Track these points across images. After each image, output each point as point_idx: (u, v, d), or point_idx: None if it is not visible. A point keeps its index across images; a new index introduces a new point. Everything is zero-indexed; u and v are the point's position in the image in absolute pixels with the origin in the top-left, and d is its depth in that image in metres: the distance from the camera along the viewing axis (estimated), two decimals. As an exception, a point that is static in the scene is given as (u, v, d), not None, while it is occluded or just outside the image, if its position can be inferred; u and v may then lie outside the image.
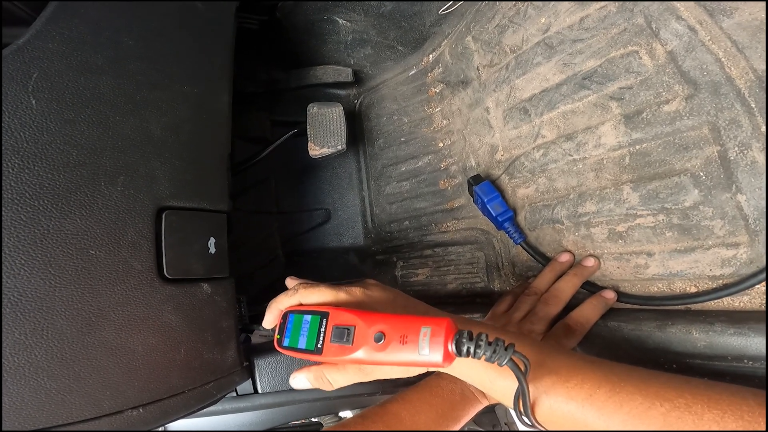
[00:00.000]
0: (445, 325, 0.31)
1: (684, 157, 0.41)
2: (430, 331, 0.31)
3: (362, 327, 0.35)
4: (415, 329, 0.32)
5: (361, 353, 0.34)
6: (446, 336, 0.31)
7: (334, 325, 0.36)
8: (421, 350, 0.31)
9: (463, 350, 0.31)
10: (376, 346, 0.33)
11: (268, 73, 0.78)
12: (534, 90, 0.54)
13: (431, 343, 0.31)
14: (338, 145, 0.64)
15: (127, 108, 0.39)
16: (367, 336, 0.34)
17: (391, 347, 0.33)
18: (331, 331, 0.36)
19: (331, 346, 0.36)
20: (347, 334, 0.35)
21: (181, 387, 0.41)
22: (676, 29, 0.41)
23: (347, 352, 0.35)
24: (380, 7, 0.67)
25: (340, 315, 0.36)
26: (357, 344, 0.34)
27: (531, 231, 0.56)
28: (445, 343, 0.31)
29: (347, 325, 0.35)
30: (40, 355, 0.33)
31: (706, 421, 0.28)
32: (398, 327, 0.33)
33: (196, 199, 0.44)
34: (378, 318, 0.35)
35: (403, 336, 0.32)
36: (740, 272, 0.40)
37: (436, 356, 0.31)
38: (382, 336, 0.33)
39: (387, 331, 0.33)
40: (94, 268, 0.36)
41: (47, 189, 0.33)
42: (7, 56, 0.32)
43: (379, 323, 0.34)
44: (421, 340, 0.31)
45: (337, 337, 0.35)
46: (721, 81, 0.39)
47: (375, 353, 0.33)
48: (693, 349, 0.40)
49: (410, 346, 0.32)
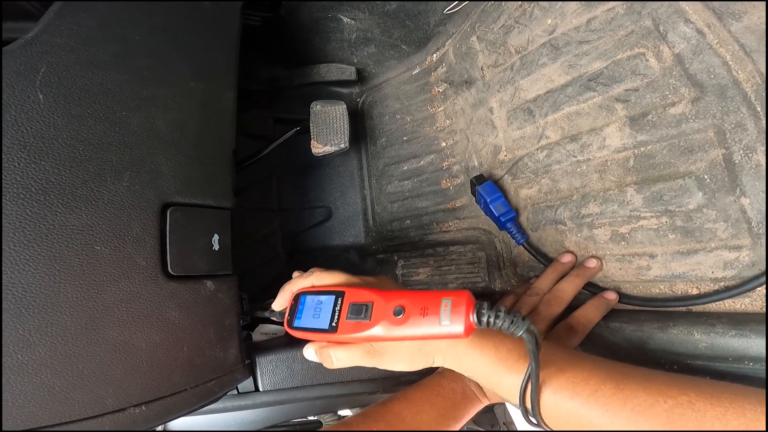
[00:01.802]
0: (466, 297, 0.32)
1: (689, 159, 0.42)
2: (451, 302, 0.32)
3: (381, 303, 0.35)
4: (435, 301, 0.33)
5: (379, 328, 0.34)
6: (467, 306, 0.32)
7: (350, 303, 0.36)
8: (443, 321, 0.32)
9: (483, 320, 0.31)
10: (396, 320, 0.33)
11: (270, 71, 0.77)
12: (539, 91, 0.54)
13: (453, 314, 0.32)
14: (341, 143, 0.64)
15: (134, 103, 0.39)
16: (385, 311, 0.34)
17: (411, 320, 0.33)
18: (348, 308, 0.36)
19: (347, 324, 0.36)
20: (365, 310, 0.35)
21: (183, 384, 0.41)
22: (684, 32, 0.41)
23: (364, 328, 0.35)
24: (385, 5, 0.67)
25: (357, 293, 0.37)
26: (375, 319, 0.34)
27: (533, 231, 0.56)
28: (467, 313, 0.31)
29: (365, 301, 0.35)
30: (44, 351, 0.33)
31: (708, 418, 0.29)
32: (418, 300, 0.34)
33: (201, 195, 0.44)
34: (396, 294, 0.35)
35: (423, 308, 0.33)
36: (742, 275, 0.40)
37: (457, 327, 0.31)
38: (401, 310, 0.33)
39: (406, 305, 0.34)
40: (99, 264, 0.36)
41: (53, 184, 0.33)
42: (15, 50, 0.32)
43: (399, 299, 0.34)
44: (443, 311, 0.32)
45: (354, 314, 0.35)
46: (727, 84, 0.39)
47: (394, 328, 0.33)
48: (694, 350, 0.41)
49: (431, 318, 0.32)
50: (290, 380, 0.54)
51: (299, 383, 0.54)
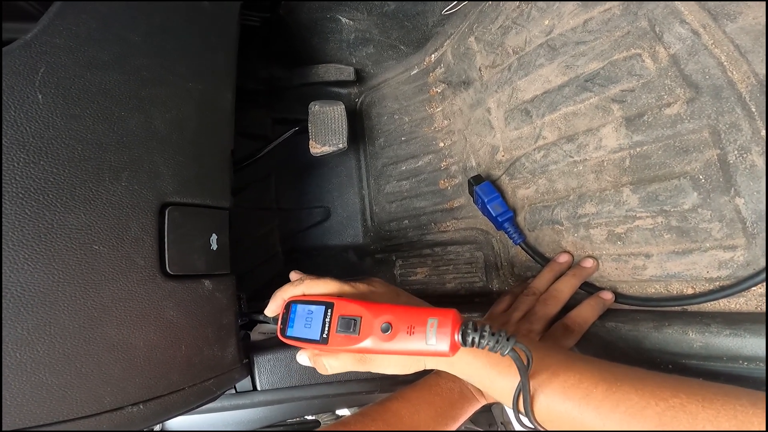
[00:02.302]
0: (452, 317, 0.33)
1: (684, 160, 0.42)
2: (437, 322, 0.33)
3: (368, 318, 0.35)
4: (422, 320, 0.33)
5: (368, 342, 0.35)
6: (453, 326, 0.32)
7: (340, 316, 0.37)
8: (429, 340, 0.33)
9: (468, 340, 0.33)
10: (383, 336, 0.34)
11: (269, 71, 0.78)
12: (536, 91, 0.54)
13: (438, 334, 0.32)
14: (339, 143, 0.64)
15: (132, 104, 0.39)
16: (373, 326, 0.35)
17: (399, 337, 0.34)
18: (337, 321, 0.37)
19: (337, 336, 0.36)
20: (354, 324, 0.36)
21: (181, 384, 0.41)
22: (680, 33, 0.41)
23: (354, 342, 0.35)
24: (383, 6, 0.67)
25: (346, 305, 0.37)
26: (364, 334, 0.35)
27: (530, 231, 0.56)
28: (452, 333, 0.32)
29: (353, 315, 0.36)
30: (42, 350, 0.33)
31: (700, 420, 0.29)
32: (405, 318, 0.34)
33: (199, 195, 0.44)
34: (384, 309, 0.36)
35: (410, 326, 0.34)
36: (737, 274, 0.40)
37: (442, 346, 0.32)
38: (389, 327, 0.34)
39: (393, 321, 0.34)
40: (97, 263, 0.36)
41: (52, 184, 0.33)
42: (15, 51, 0.32)
43: (386, 314, 0.35)
44: (429, 330, 0.33)
45: (344, 328, 0.36)
46: (722, 85, 0.39)
47: (382, 343, 0.34)
48: (689, 349, 0.41)
49: (417, 336, 0.33)
50: (288, 379, 0.54)
51: (297, 382, 0.54)
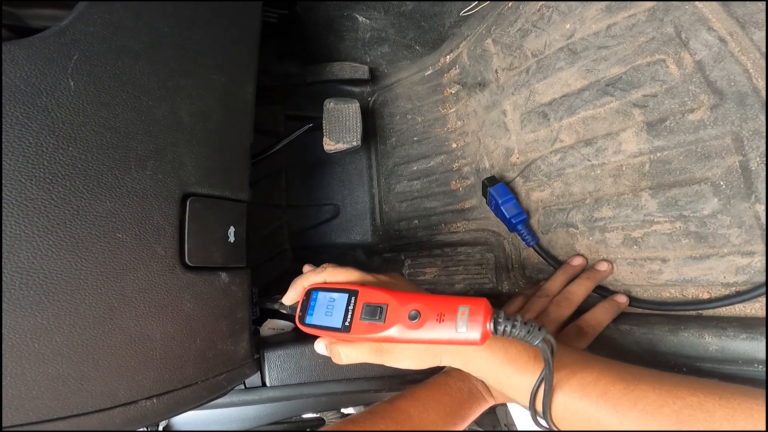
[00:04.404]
0: (483, 305, 0.33)
1: (705, 165, 0.42)
2: (468, 309, 0.33)
3: (395, 305, 0.35)
4: (452, 308, 0.33)
5: (394, 331, 0.34)
6: (485, 316, 0.32)
7: (365, 303, 0.36)
8: (459, 328, 0.32)
9: (500, 329, 0.32)
10: (411, 324, 0.34)
11: (283, 67, 0.77)
12: (554, 95, 0.54)
13: (470, 322, 0.32)
14: (353, 141, 0.64)
15: (160, 93, 0.38)
16: (400, 314, 0.34)
17: (427, 325, 0.33)
18: (362, 309, 0.36)
19: (361, 324, 0.36)
20: (380, 312, 0.35)
21: (194, 378, 0.41)
22: (707, 40, 0.42)
23: (378, 330, 0.35)
24: (401, 6, 0.67)
25: (371, 293, 0.37)
26: (390, 322, 0.35)
27: (544, 234, 0.57)
28: (484, 322, 0.32)
29: (380, 303, 0.36)
30: (61, 341, 0.32)
31: (717, 419, 0.29)
32: (434, 306, 0.34)
33: (219, 187, 0.44)
34: (411, 297, 0.35)
35: (440, 314, 0.33)
36: (754, 280, 0.41)
37: (474, 334, 0.32)
38: (417, 314, 0.34)
39: (422, 309, 0.34)
40: (119, 252, 0.35)
41: (80, 170, 0.33)
42: (49, 37, 0.32)
43: (414, 302, 0.35)
44: (459, 318, 0.32)
45: (369, 315, 0.35)
46: (747, 92, 0.39)
47: (409, 331, 0.34)
48: (704, 352, 0.41)
49: (447, 324, 0.33)
50: (297, 376, 0.54)
51: (306, 379, 0.54)
